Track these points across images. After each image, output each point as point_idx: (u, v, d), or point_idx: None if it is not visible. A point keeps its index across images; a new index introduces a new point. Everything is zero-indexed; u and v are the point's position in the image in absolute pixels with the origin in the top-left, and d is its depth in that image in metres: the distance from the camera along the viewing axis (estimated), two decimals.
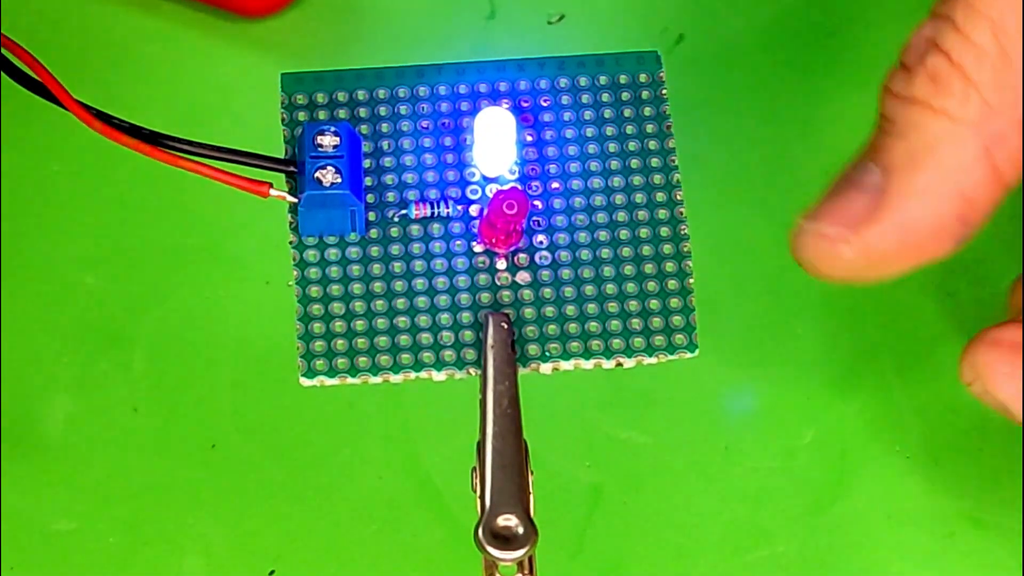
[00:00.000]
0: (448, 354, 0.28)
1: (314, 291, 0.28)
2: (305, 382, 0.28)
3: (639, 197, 0.29)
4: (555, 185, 0.29)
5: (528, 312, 0.28)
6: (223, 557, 0.36)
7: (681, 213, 0.29)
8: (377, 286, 0.28)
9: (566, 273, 0.28)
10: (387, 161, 0.29)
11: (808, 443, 0.36)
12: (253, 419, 0.37)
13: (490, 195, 0.28)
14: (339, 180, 0.28)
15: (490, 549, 0.26)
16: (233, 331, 0.38)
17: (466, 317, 0.28)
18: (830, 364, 0.33)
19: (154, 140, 0.28)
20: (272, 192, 0.28)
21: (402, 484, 0.37)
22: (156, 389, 0.37)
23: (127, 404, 0.37)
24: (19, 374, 0.35)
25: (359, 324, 0.28)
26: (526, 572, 0.27)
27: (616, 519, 0.36)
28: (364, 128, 0.29)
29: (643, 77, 0.29)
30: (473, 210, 0.28)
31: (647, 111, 0.29)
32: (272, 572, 0.36)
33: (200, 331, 0.37)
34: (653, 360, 0.28)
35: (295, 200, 0.28)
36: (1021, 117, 0.28)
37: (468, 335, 0.28)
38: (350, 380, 0.28)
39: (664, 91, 0.29)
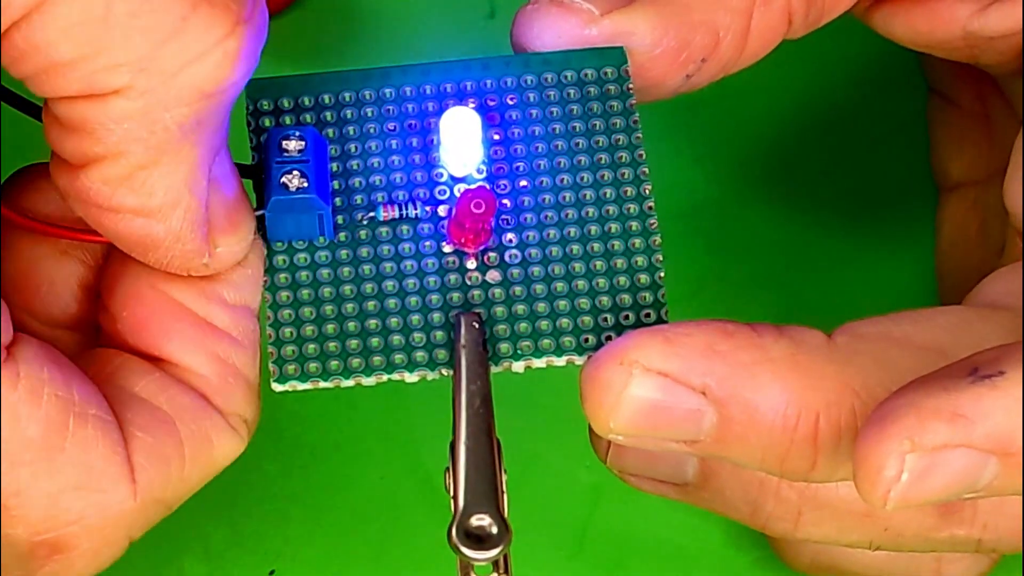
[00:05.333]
0: (420, 355, 0.28)
1: (284, 296, 0.28)
2: (277, 387, 0.28)
3: (608, 192, 0.29)
4: (523, 183, 0.29)
5: (499, 311, 0.28)
6: (223, 557, 0.36)
7: (650, 208, 0.28)
8: (347, 289, 0.28)
9: (536, 270, 0.28)
10: (354, 164, 0.29)
11: None
12: None
13: (458, 195, 0.28)
14: (305, 184, 0.28)
15: (464, 549, 0.26)
16: None
17: (437, 317, 0.28)
18: None
19: None
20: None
21: (402, 484, 0.37)
22: None
23: None
24: None
25: (330, 328, 0.28)
26: (501, 572, 0.27)
27: (616, 519, 0.36)
28: (330, 132, 0.29)
29: (609, 72, 0.29)
30: (441, 210, 0.28)
31: (614, 105, 0.29)
32: (272, 572, 0.36)
33: None
34: None
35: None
36: None
37: (439, 335, 0.28)
38: (322, 384, 0.28)
39: (630, 85, 0.29)
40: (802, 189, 0.39)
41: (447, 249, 0.28)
